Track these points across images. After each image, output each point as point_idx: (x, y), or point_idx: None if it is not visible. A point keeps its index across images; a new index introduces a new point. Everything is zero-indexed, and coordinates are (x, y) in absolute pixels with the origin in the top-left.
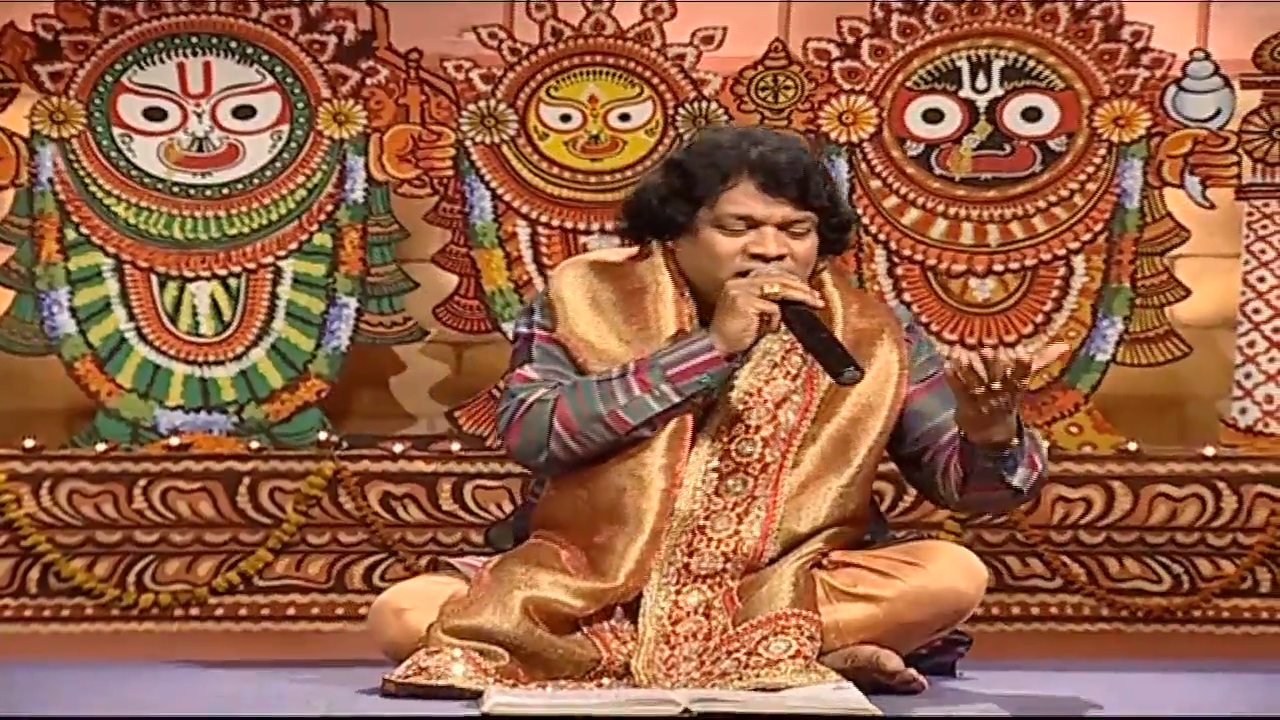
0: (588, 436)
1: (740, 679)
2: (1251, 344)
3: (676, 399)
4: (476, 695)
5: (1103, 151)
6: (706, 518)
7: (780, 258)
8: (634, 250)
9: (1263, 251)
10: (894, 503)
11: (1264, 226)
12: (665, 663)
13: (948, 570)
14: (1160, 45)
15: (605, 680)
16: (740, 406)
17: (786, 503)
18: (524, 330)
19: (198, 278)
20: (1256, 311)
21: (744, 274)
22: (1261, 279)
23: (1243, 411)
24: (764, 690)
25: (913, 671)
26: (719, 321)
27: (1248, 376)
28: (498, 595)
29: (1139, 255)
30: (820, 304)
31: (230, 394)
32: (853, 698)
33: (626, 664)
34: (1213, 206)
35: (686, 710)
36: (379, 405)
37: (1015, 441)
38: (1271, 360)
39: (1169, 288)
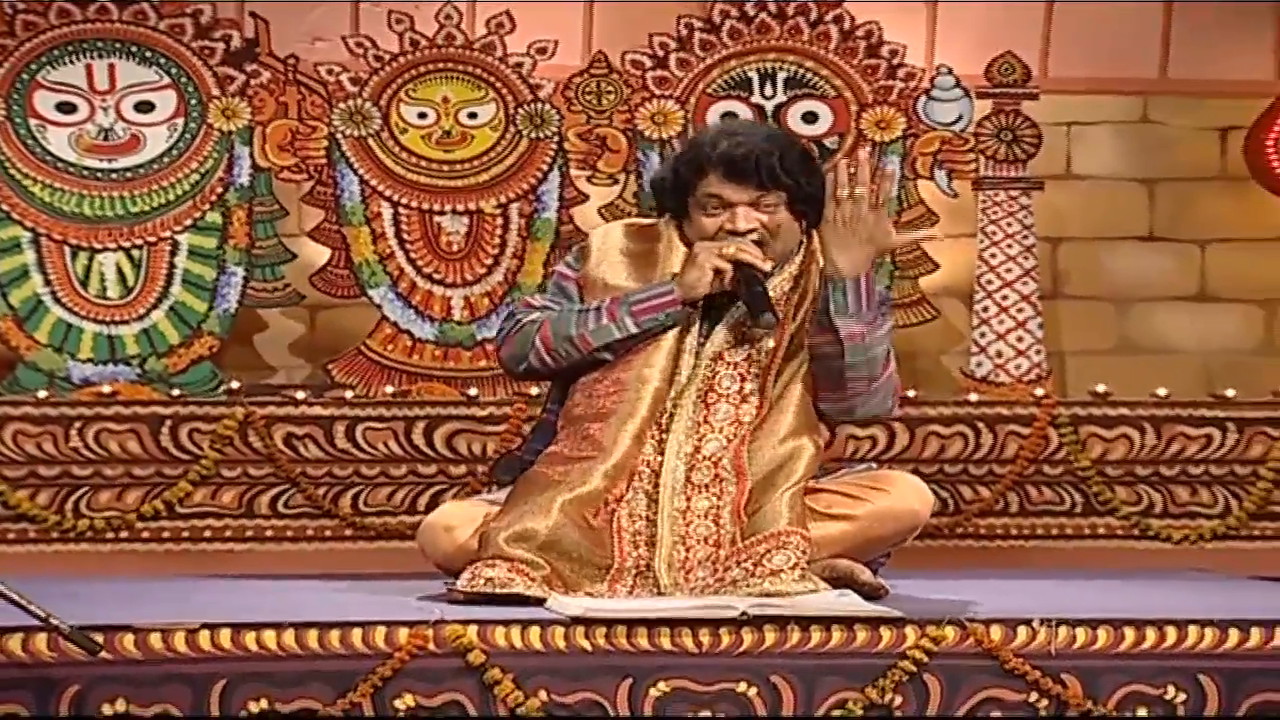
0: (559, 352)
1: (748, 585)
2: (985, 309)
3: (634, 329)
4: (540, 601)
5: (868, 149)
6: (700, 436)
7: (751, 231)
8: (658, 219)
9: (994, 233)
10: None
11: (995, 212)
12: (683, 565)
13: (907, 494)
14: (911, 61)
15: (625, 579)
16: (725, 344)
17: (761, 421)
18: (558, 269)
19: (105, 249)
20: (989, 282)
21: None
22: (993, 255)
23: (979, 365)
24: (768, 595)
25: (880, 580)
26: (682, 272)
27: (982, 336)
28: (537, 501)
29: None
30: (767, 267)
31: (134, 349)
32: (855, 601)
33: (643, 565)
34: (956, 195)
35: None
36: (244, 359)
37: (852, 279)
38: (1001, 323)
39: (921, 262)
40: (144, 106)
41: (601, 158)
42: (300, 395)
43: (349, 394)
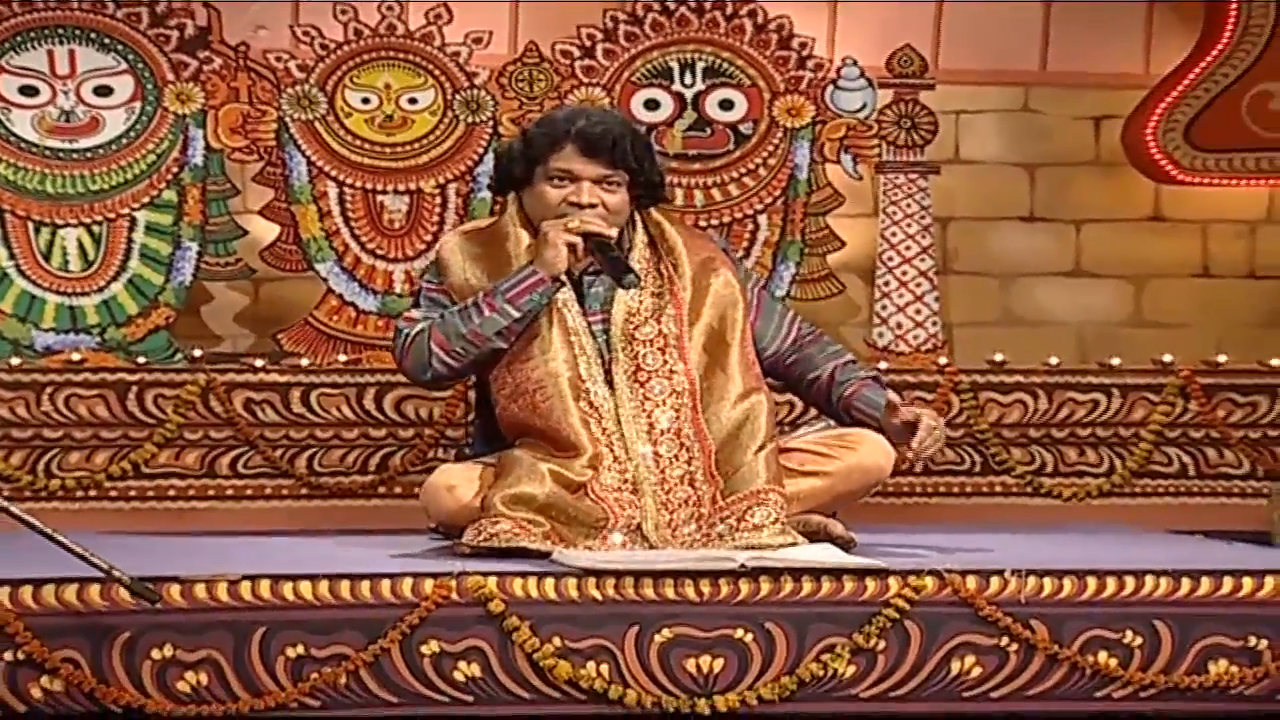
0: (456, 351)
1: (733, 540)
2: (887, 283)
3: (516, 314)
4: (545, 555)
5: (780, 135)
6: (648, 414)
7: (592, 206)
8: (495, 218)
9: (894, 213)
10: None
11: (895, 194)
12: (669, 525)
13: (873, 451)
14: (819, 53)
15: (617, 537)
16: (630, 325)
17: (702, 390)
18: (424, 285)
19: (67, 225)
20: (890, 259)
21: (563, 217)
22: (894, 234)
23: (880, 335)
24: (752, 548)
25: (851, 533)
26: (537, 252)
27: (884, 308)
28: (528, 467)
29: (807, 215)
30: (612, 234)
31: (94, 319)
32: (838, 554)
33: (633, 524)
34: (860, 178)
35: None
36: (192, 328)
37: None
38: (900, 296)
39: (828, 240)
40: (103, 90)
41: None
42: (259, 363)
43: (304, 362)
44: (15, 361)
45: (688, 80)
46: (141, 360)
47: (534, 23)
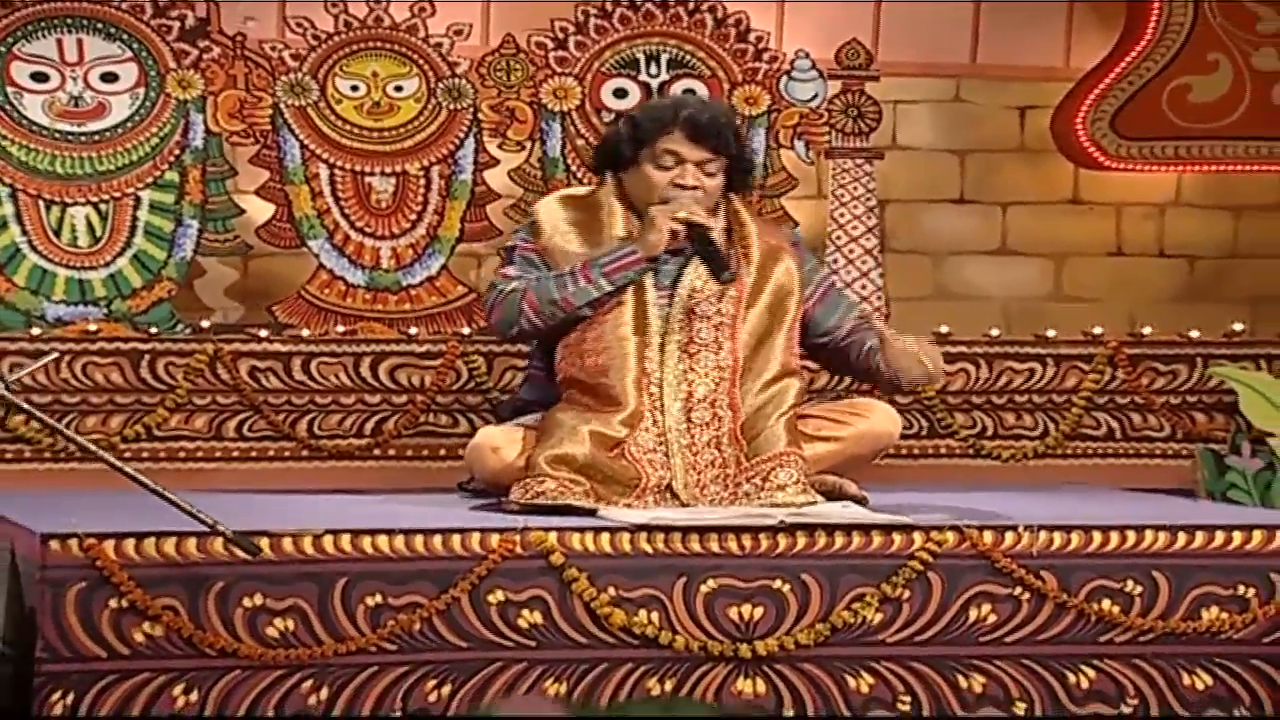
0: (545, 314)
1: (759, 498)
2: (835, 261)
3: (609, 288)
4: (591, 512)
5: (738, 122)
6: (690, 382)
7: (695, 188)
8: (593, 187)
9: (842, 195)
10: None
11: (843, 178)
12: (698, 484)
13: (882, 418)
14: (774, 46)
15: (650, 497)
16: (691, 301)
17: (744, 366)
18: (514, 243)
19: (75, 203)
20: (839, 237)
21: (665, 201)
22: (841, 215)
23: None
24: (776, 506)
25: (864, 493)
26: (642, 233)
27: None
28: (569, 429)
29: (763, 197)
30: (714, 226)
31: (101, 291)
32: (860, 511)
33: (664, 484)
34: (812, 163)
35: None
36: (186, 302)
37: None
38: (848, 273)
39: (783, 221)
40: (109, 77)
41: (510, 127)
42: (263, 334)
43: (305, 333)
44: (36, 332)
45: (653, 71)
46: (154, 331)
47: (506, 18)
